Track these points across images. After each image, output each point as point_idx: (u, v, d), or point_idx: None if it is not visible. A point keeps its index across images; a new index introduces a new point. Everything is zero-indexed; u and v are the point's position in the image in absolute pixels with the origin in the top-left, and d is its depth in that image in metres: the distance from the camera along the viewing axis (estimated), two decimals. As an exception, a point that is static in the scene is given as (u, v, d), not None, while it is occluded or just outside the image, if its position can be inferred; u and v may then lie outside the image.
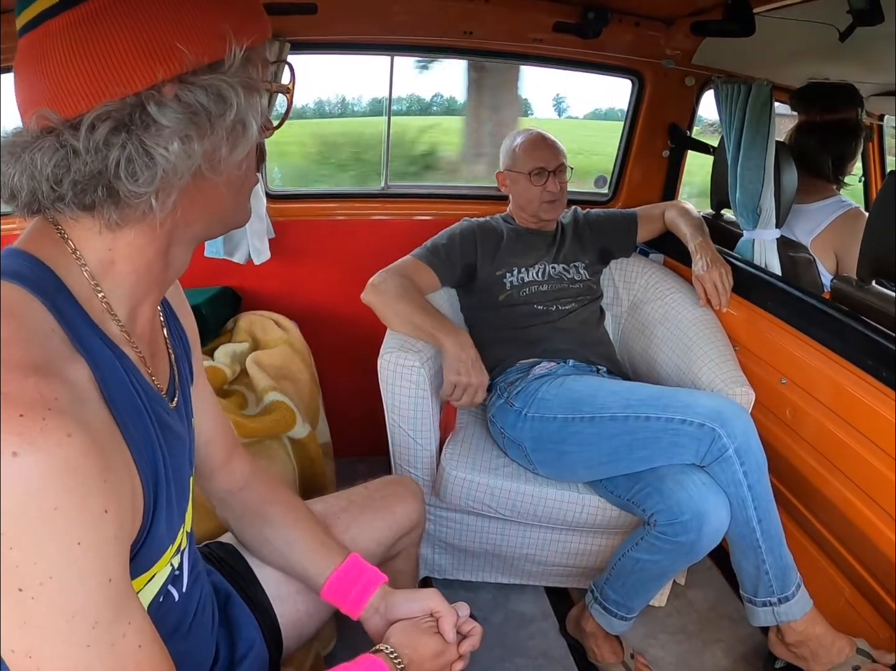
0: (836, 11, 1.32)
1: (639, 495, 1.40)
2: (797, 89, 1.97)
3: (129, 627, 0.53)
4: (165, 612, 0.58)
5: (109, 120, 0.52)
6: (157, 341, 0.70)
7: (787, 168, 1.74)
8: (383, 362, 1.53)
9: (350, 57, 2.20)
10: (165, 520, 0.62)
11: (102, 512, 0.50)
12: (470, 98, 3.87)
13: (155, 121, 0.53)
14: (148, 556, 0.61)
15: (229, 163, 0.58)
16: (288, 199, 2.13)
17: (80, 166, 0.52)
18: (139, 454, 0.57)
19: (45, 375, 0.49)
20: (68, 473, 0.47)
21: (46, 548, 0.47)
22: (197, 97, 0.54)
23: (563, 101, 7.36)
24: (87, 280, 0.58)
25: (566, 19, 1.79)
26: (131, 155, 0.52)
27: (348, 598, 0.89)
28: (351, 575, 0.90)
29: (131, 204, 0.55)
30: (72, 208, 0.55)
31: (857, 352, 1.33)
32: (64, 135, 0.52)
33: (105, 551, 0.51)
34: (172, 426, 0.66)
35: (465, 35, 1.86)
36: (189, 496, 0.73)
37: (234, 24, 0.56)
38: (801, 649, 1.38)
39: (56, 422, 0.47)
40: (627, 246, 1.93)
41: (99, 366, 0.55)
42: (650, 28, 1.87)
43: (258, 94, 0.59)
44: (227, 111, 0.56)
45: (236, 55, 0.56)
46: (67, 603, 0.49)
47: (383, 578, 0.91)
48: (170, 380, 0.71)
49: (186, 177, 0.56)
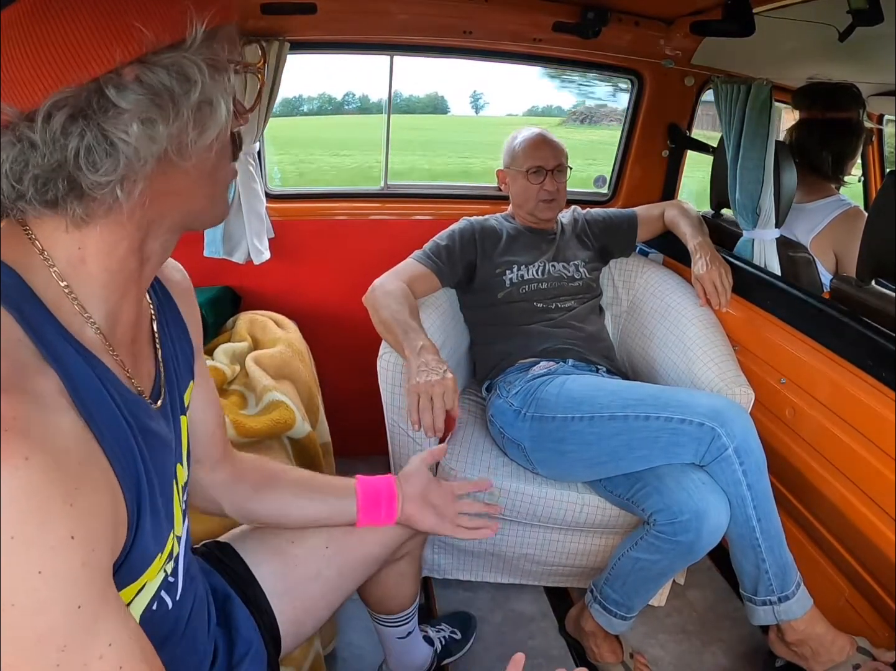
0: (836, 11, 1.32)
1: (638, 495, 1.40)
2: (799, 87, 1.97)
3: (107, 649, 0.51)
4: (159, 620, 0.57)
5: (66, 107, 0.49)
6: (139, 341, 0.67)
7: (786, 168, 1.74)
8: (383, 362, 1.53)
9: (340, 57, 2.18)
10: (151, 529, 0.60)
11: (67, 538, 0.47)
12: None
13: (114, 105, 0.50)
14: (134, 567, 0.59)
15: (198, 146, 0.55)
16: (288, 199, 2.14)
17: (38, 160, 0.49)
18: (119, 464, 0.55)
19: (7, 392, 0.46)
20: (25, 499, 0.45)
21: (5, 576, 0.45)
22: (159, 77, 0.51)
23: (480, 98, 7.34)
24: (55, 282, 0.55)
25: (566, 19, 1.79)
26: (90, 143, 0.50)
27: (380, 517, 1.00)
28: (371, 499, 1.00)
29: (95, 196, 0.52)
30: (34, 206, 0.52)
31: (857, 352, 1.33)
32: (20, 128, 0.49)
33: (71, 579, 0.48)
34: (155, 429, 0.64)
35: (464, 35, 1.86)
36: (175, 500, 0.70)
37: (196, 1, 0.53)
38: (802, 648, 1.38)
39: (13, 444, 0.44)
40: (627, 245, 1.93)
41: (70, 375, 0.52)
42: (650, 28, 1.87)
43: (226, 73, 0.56)
44: (192, 89, 0.53)
45: (198, 31, 0.53)
46: (32, 630, 0.47)
47: (392, 479, 1.03)
48: (154, 380, 0.68)
49: (151, 162, 0.53)
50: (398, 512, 1.02)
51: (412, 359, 1.39)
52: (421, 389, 1.32)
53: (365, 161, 10.52)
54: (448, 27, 1.85)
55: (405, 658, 1.37)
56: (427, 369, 1.34)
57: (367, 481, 1.02)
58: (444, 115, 6.08)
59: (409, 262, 1.70)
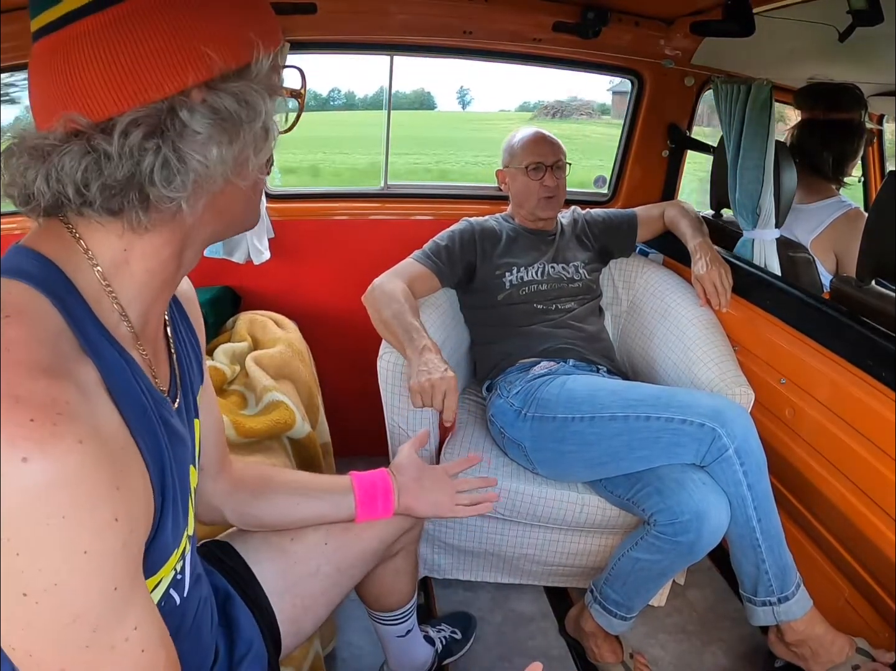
0: (836, 11, 1.32)
1: (638, 495, 1.40)
2: (802, 87, 1.97)
3: (133, 632, 0.53)
4: (166, 617, 0.58)
5: (143, 125, 0.52)
6: (159, 342, 0.70)
7: (786, 168, 1.74)
8: (383, 362, 1.53)
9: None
10: (172, 524, 0.61)
11: (112, 520, 0.49)
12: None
13: (187, 126, 0.53)
14: (155, 561, 0.60)
15: (254, 167, 0.60)
16: (288, 199, 2.14)
17: (112, 171, 0.52)
18: (149, 457, 0.56)
19: (56, 377, 0.48)
20: (78, 482, 0.46)
21: (52, 555, 0.46)
22: (225, 103, 0.55)
23: (467, 94, 7.35)
24: (97, 280, 0.57)
25: (566, 19, 1.80)
26: (166, 160, 0.53)
27: (378, 510, 1.02)
28: (368, 493, 1.01)
29: (161, 208, 0.55)
30: (99, 212, 0.54)
31: (857, 353, 1.33)
32: (94, 139, 0.52)
33: (112, 560, 0.50)
34: (176, 428, 0.66)
35: (464, 35, 1.86)
36: (190, 499, 0.72)
37: (258, 31, 0.57)
38: (801, 648, 1.38)
39: (67, 427, 0.46)
40: (627, 246, 1.93)
41: (107, 368, 0.54)
42: (650, 28, 1.87)
43: (278, 98, 0.60)
44: (256, 118, 0.56)
45: (263, 62, 0.57)
46: (70, 608, 0.48)
47: (385, 471, 1.05)
48: (171, 381, 0.70)
49: (219, 182, 0.57)
50: (395, 503, 1.04)
51: (414, 359, 1.39)
52: (423, 388, 1.34)
53: (357, 162, 10.47)
54: (448, 27, 1.85)
55: (405, 658, 1.37)
56: (428, 368, 1.36)
57: (362, 476, 1.04)
58: (430, 111, 6.00)
59: (409, 262, 1.70)
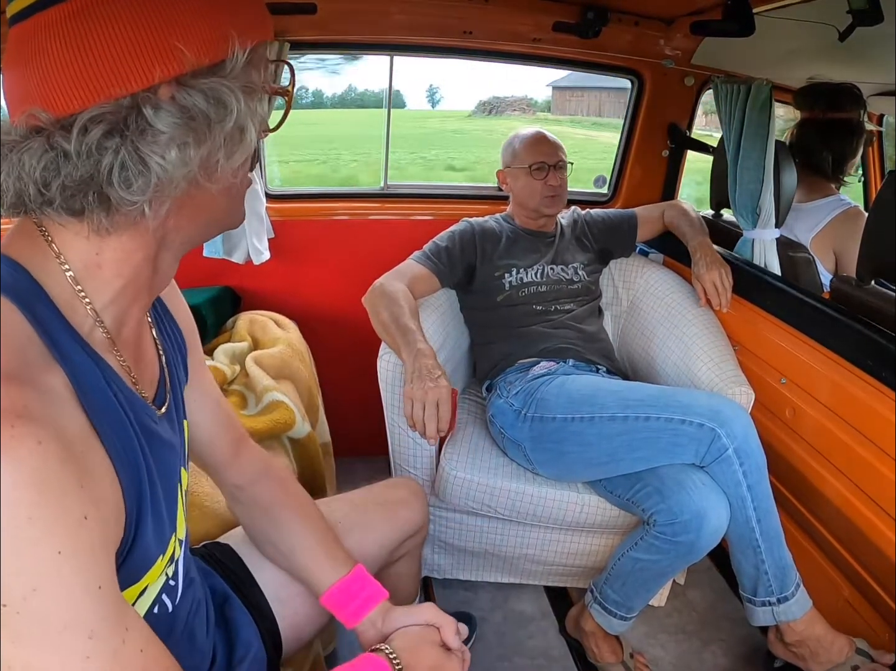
0: (836, 11, 1.32)
1: (638, 495, 1.40)
2: (802, 87, 1.97)
3: (127, 633, 0.51)
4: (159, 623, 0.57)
5: (103, 123, 0.49)
6: (143, 346, 0.67)
7: (786, 168, 1.74)
8: (383, 362, 1.53)
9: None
10: (153, 530, 0.60)
11: (82, 518, 0.48)
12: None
13: (151, 125, 0.50)
14: (136, 567, 0.59)
15: (225, 170, 0.56)
16: (287, 199, 2.14)
17: (70, 170, 0.50)
18: (120, 462, 0.55)
19: (17, 383, 0.47)
20: (41, 481, 0.45)
21: (25, 559, 0.45)
22: (195, 101, 0.51)
23: (437, 92, 7.24)
24: (69, 285, 0.55)
25: (566, 19, 1.80)
26: (125, 161, 0.50)
27: (347, 609, 0.87)
28: (353, 588, 0.88)
29: (122, 211, 0.52)
30: (60, 213, 0.52)
31: (857, 353, 1.33)
32: (54, 136, 0.49)
33: (89, 558, 0.48)
34: (160, 434, 0.64)
35: (464, 35, 1.86)
36: (179, 504, 0.71)
37: (237, 24, 0.54)
38: (801, 649, 1.38)
39: (25, 429, 0.45)
40: (627, 246, 1.93)
41: (77, 374, 0.53)
42: (650, 28, 1.87)
43: (258, 98, 0.57)
44: (227, 117, 0.53)
45: (238, 58, 0.53)
46: (56, 615, 0.47)
47: (384, 594, 0.89)
48: (158, 386, 0.69)
49: (182, 185, 0.53)
50: (360, 624, 0.87)
51: (408, 363, 1.38)
52: (415, 396, 1.31)
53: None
54: (448, 27, 1.85)
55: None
56: (421, 375, 1.33)
57: (357, 578, 0.89)
58: (401, 109, 5.92)
59: (409, 262, 1.70)
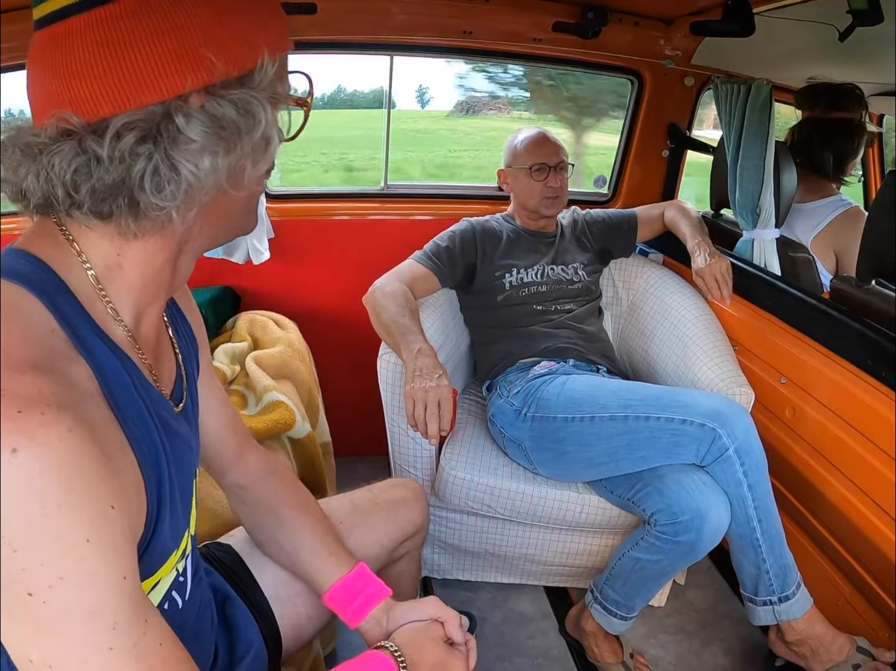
0: (836, 11, 1.32)
1: (639, 495, 1.40)
2: (802, 87, 1.97)
3: (147, 626, 0.52)
4: (169, 619, 0.57)
5: (136, 129, 0.50)
6: (161, 345, 0.68)
7: (786, 168, 1.74)
8: (383, 362, 1.53)
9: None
10: (170, 524, 0.61)
11: (108, 507, 0.48)
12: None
13: (182, 133, 0.51)
14: (153, 560, 0.60)
15: (251, 178, 0.58)
16: (287, 199, 2.13)
17: (101, 174, 0.50)
18: (142, 454, 0.56)
19: (43, 372, 0.48)
20: (70, 468, 0.46)
21: (52, 547, 0.45)
22: (226, 111, 0.52)
23: (427, 92, 7.09)
24: (90, 283, 0.56)
25: (566, 19, 1.80)
26: (157, 167, 0.51)
27: (350, 608, 0.87)
28: (356, 586, 0.88)
29: (151, 216, 0.53)
30: (88, 216, 0.53)
31: (857, 353, 1.33)
32: (86, 140, 0.50)
33: (115, 548, 0.49)
34: (178, 430, 0.65)
35: (464, 35, 1.86)
36: (193, 500, 0.72)
37: (266, 37, 0.55)
38: (802, 648, 1.38)
39: (55, 416, 0.46)
40: (627, 246, 1.93)
41: (100, 366, 0.54)
42: (650, 28, 1.87)
43: (281, 108, 0.59)
44: (255, 127, 0.54)
45: (268, 70, 0.54)
46: (82, 604, 0.47)
47: (388, 592, 0.89)
48: (175, 384, 0.69)
49: (211, 192, 0.55)
50: (364, 622, 0.87)
51: (408, 363, 1.38)
52: (416, 395, 1.31)
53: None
54: (448, 27, 1.85)
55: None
56: (422, 374, 1.33)
57: (360, 576, 0.90)
58: (377, 109, 5.90)
59: (410, 262, 1.70)
